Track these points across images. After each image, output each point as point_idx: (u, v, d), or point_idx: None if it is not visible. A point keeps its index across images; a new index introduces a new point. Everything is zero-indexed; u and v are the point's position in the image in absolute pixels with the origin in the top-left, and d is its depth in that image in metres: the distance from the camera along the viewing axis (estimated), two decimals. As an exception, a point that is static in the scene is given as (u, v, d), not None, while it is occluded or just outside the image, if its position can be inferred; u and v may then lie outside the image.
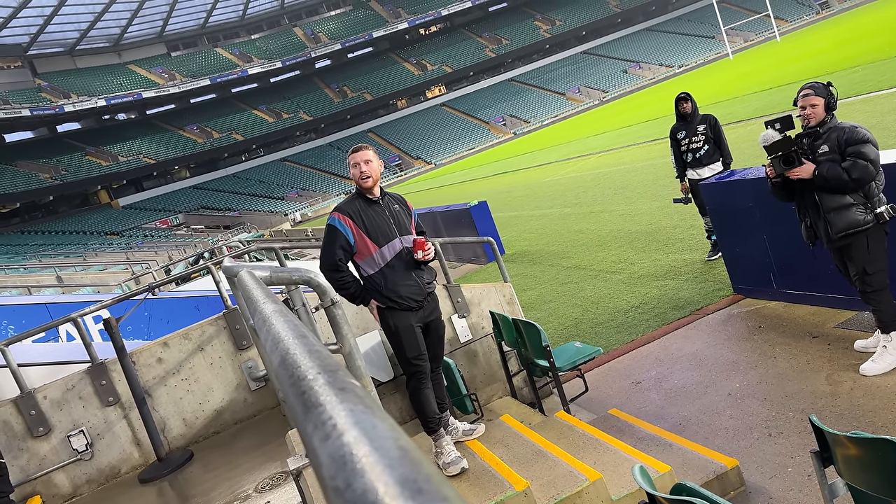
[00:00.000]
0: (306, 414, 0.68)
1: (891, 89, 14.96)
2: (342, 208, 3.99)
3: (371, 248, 3.91)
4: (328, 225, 3.97)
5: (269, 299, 1.54)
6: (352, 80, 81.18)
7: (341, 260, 3.93)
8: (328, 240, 3.94)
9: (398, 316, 3.99)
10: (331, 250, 3.93)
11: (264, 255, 15.35)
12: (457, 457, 4.02)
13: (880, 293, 4.27)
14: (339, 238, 3.91)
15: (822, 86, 4.30)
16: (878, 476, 2.38)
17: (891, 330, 4.31)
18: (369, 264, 3.95)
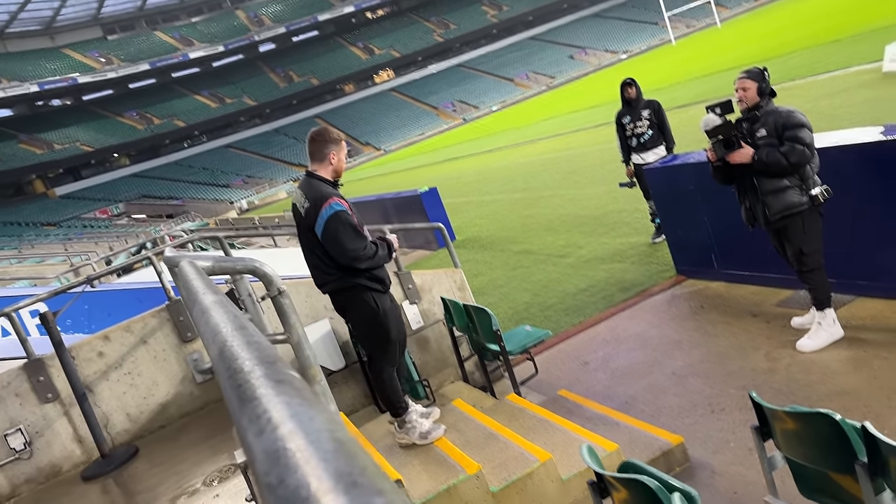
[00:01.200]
0: (241, 408, 0.65)
1: (825, 74, 15.50)
2: (334, 193, 3.79)
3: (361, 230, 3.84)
4: (338, 213, 3.69)
5: (209, 290, 1.50)
6: (297, 65, 79.77)
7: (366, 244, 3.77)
8: (352, 230, 3.71)
9: (383, 298, 3.93)
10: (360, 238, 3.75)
11: (209, 245, 15.02)
12: (433, 424, 4.10)
13: (816, 272, 4.43)
14: (353, 221, 3.74)
15: (756, 71, 4.41)
16: (813, 448, 2.48)
17: (825, 307, 4.49)
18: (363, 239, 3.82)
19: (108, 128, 68.42)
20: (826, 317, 4.48)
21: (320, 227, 3.70)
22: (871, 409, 3.67)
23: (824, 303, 4.48)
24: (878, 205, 4.62)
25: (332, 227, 3.68)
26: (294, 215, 3.97)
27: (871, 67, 13.87)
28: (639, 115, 7.74)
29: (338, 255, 3.73)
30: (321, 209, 3.69)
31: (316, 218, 3.70)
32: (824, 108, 11.64)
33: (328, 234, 3.70)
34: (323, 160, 3.87)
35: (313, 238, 3.78)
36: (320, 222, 3.69)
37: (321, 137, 3.88)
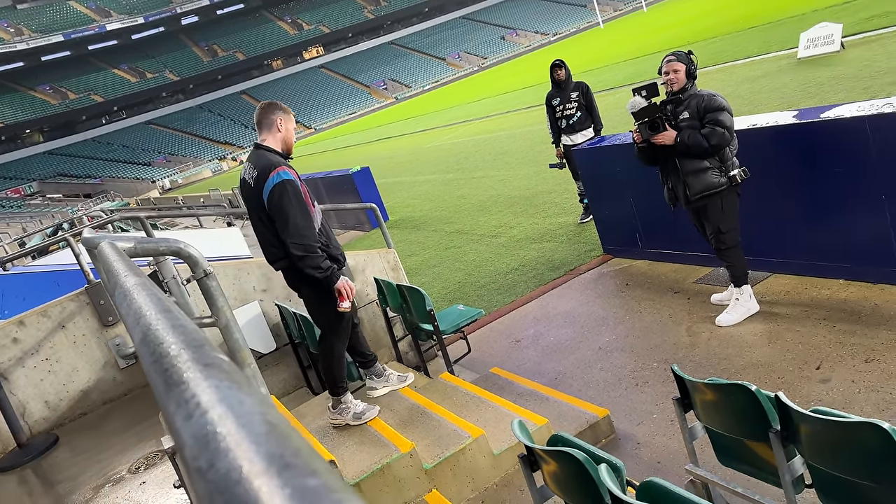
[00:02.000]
0: (168, 393, 0.64)
1: (745, 59, 16.10)
2: (283, 162, 3.64)
3: (311, 207, 3.68)
4: (287, 182, 3.53)
5: (131, 272, 1.44)
6: (222, 39, 77.19)
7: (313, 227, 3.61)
8: (298, 203, 3.54)
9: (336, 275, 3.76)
10: (306, 212, 3.57)
11: (130, 226, 14.46)
12: (367, 405, 4.12)
13: (733, 250, 4.63)
14: (300, 194, 3.57)
15: (684, 54, 4.55)
16: (731, 418, 2.60)
17: (742, 284, 4.71)
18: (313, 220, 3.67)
19: (20, 102, 64.65)
20: (743, 293, 4.71)
21: (266, 195, 3.55)
22: (784, 379, 3.88)
23: (741, 279, 4.70)
24: (793, 186, 4.86)
25: (276, 195, 3.53)
26: (242, 190, 3.81)
27: (788, 53, 14.50)
28: (568, 96, 7.85)
29: (282, 226, 3.57)
30: (268, 177, 3.55)
31: (263, 184, 3.56)
32: (744, 92, 12.10)
33: (273, 203, 3.54)
34: (271, 128, 3.75)
35: (263, 211, 3.63)
36: (266, 190, 3.55)
37: (269, 106, 3.78)
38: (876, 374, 3.65)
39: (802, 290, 4.83)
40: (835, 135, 4.49)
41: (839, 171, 4.49)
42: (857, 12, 16.28)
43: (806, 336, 4.24)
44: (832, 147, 4.51)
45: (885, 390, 3.49)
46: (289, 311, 5.13)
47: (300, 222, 3.55)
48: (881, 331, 4.01)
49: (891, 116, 4.11)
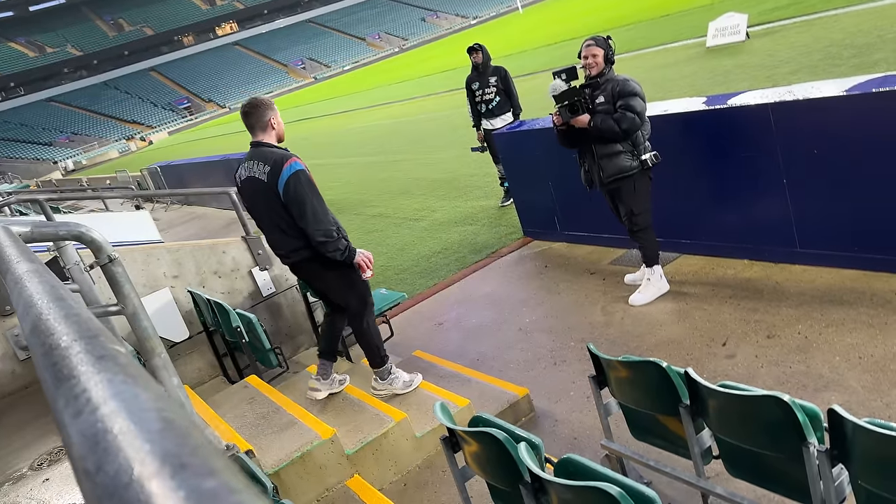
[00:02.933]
0: (57, 388, 0.59)
1: (657, 47, 16.63)
2: (291, 154, 3.72)
3: None
4: (301, 172, 3.63)
5: (23, 258, 1.34)
6: (129, 13, 73.40)
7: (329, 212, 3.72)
8: (312, 190, 3.65)
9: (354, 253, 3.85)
10: (322, 200, 3.69)
11: (30, 209, 13.61)
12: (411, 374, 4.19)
13: (646, 231, 4.79)
14: (313, 182, 3.68)
15: (602, 39, 4.63)
16: (643, 393, 2.70)
17: (653, 264, 4.89)
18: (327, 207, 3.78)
19: None
20: (654, 272, 4.89)
21: (281, 186, 3.61)
22: (692, 356, 4.06)
23: (653, 259, 4.88)
24: (701, 170, 5.06)
25: (293, 185, 3.60)
26: (245, 188, 3.83)
27: (697, 42, 15.06)
28: (487, 81, 7.88)
29: (299, 216, 3.63)
30: (283, 168, 3.61)
31: (278, 177, 3.61)
32: (656, 78, 12.50)
33: (290, 193, 3.61)
34: (265, 128, 3.80)
35: (276, 203, 3.66)
36: (282, 181, 3.61)
37: (257, 107, 3.79)
38: (777, 348, 3.86)
39: (710, 269, 5.05)
40: (741, 121, 4.70)
41: (744, 155, 4.71)
42: (761, 3, 17.06)
43: (713, 314, 4.45)
44: (738, 133, 4.71)
45: (785, 364, 3.70)
46: (202, 298, 4.95)
47: (318, 208, 3.66)
48: (782, 307, 4.24)
49: (792, 104, 4.33)
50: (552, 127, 4.83)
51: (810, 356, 3.70)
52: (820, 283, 4.37)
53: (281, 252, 3.93)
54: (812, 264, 4.57)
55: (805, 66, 9.89)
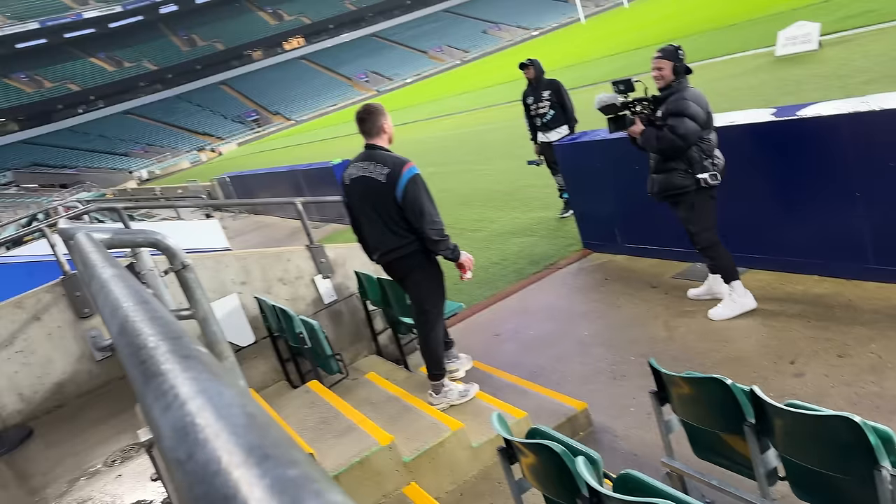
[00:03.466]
0: (146, 384, 0.63)
1: (724, 57, 16.25)
2: (408, 159, 3.99)
3: None
4: (417, 176, 3.92)
5: (107, 263, 1.43)
6: (202, 28, 76.29)
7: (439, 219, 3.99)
8: (427, 193, 3.94)
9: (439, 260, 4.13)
10: (434, 204, 3.97)
11: (106, 217, 14.27)
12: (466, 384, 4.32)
13: (711, 249, 4.65)
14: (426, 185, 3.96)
15: (671, 49, 4.50)
16: (706, 411, 2.64)
17: (730, 280, 4.67)
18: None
19: (-7, 90, 63.43)
20: (734, 289, 4.66)
21: (401, 189, 3.87)
22: (759, 374, 3.94)
23: (729, 276, 4.66)
24: (770, 182, 4.92)
25: (411, 188, 3.88)
26: (355, 186, 4.09)
27: (766, 51, 14.65)
28: (540, 95, 7.89)
29: (416, 217, 3.89)
30: (402, 172, 3.88)
31: (397, 180, 3.87)
32: (722, 89, 12.21)
33: (409, 196, 3.87)
34: (379, 132, 4.06)
35: (391, 203, 3.92)
36: (401, 185, 3.87)
37: (371, 113, 4.04)
38: (848, 368, 3.71)
39: (778, 285, 4.89)
40: (811, 132, 4.55)
41: (815, 167, 4.56)
42: (834, 11, 16.48)
43: (781, 331, 4.31)
44: (809, 144, 4.57)
45: (857, 385, 3.56)
46: (268, 304, 5.10)
47: (432, 210, 3.94)
48: (854, 326, 4.08)
49: (866, 115, 4.18)
50: (614, 138, 4.80)
51: (884, 377, 3.54)
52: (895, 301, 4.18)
53: (383, 249, 4.09)
54: (887, 281, 4.37)
55: (881, 75, 9.50)
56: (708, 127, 4.43)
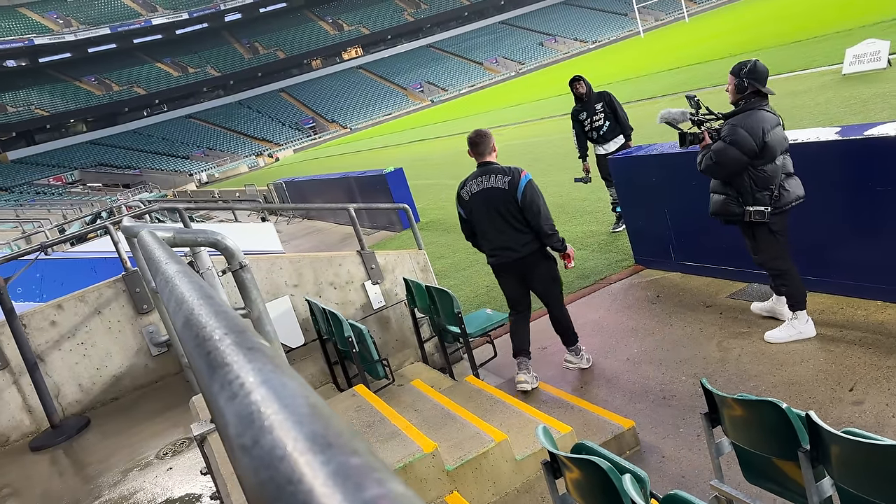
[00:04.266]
0: (212, 374, 0.66)
1: (788, 73, 15.84)
2: (522, 168, 4.73)
3: None
4: (532, 181, 4.70)
5: (171, 260, 1.48)
6: (264, 37, 78.26)
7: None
8: (541, 196, 4.71)
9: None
10: (547, 205, 4.73)
11: (167, 217, 14.73)
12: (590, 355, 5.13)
13: (780, 277, 4.49)
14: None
15: (737, 66, 4.37)
16: (759, 434, 2.57)
17: (797, 309, 4.51)
18: None
19: (65, 92, 66.33)
20: (798, 317, 4.53)
21: (521, 192, 4.63)
22: (815, 399, 3.81)
23: (796, 305, 4.51)
24: (833, 203, 4.76)
25: (529, 192, 4.63)
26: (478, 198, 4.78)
27: (832, 69, 14.22)
28: (593, 109, 7.85)
29: (534, 215, 4.63)
30: (520, 178, 4.65)
31: (517, 186, 4.62)
32: (786, 106, 11.90)
33: (527, 199, 4.62)
34: (491, 152, 4.84)
35: (513, 208, 4.65)
36: (520, 190, 4.63)
37: (484, 136, 4.86)
38: (912, 398, 3.56)
39: (839, 309, 4.73)
40: (878, 152, 4.40)
41: (881, 189, 4.40)
42: (906, 29, 15.90)
43: (840, 357, 4.16)
44: (875, 165, 4.42)
45: (920, 416, 3.41)
46: (318, 307, 5.18)
47: (545, 211, 4.68)
48: (919, 355, 3.91)
49: (938, 136, 4.01)
50: (671, 153, 4.74)
51: (952, 410, 3.38)
52: (966, 332, 3.99)
53: (509, 247, 4.74)
54: (957, 310, 4.18)
55: (957, 95, 9.12)
56: (763, 157, 4.21)
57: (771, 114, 4.29)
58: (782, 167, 4.26)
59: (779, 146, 4.23)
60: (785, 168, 4.28)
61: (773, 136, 4.21)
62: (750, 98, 4.32)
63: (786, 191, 4.26)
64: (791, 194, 4.27)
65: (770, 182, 4.24)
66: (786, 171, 4.28)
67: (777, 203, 4.26)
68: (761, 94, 4.31)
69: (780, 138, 4.24)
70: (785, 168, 4.28)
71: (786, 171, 4.28)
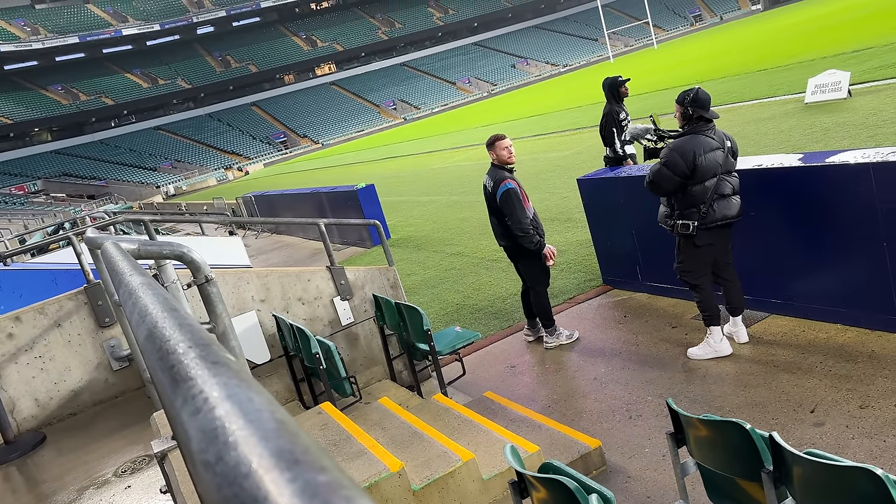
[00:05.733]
0: (175, 388, 0.64)
1: (752, 101, 16.24)
2: (508, 177, 5.48)
3: (527, 202, 5.50)
4: (510, 191, 5.39)
5: (135, 272, 1.45)
6: (236, 50, 77.93)
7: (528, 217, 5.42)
8: (517, 203, 5.38)
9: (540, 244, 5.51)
10: (523, 210, 5.40)
11: (132, 229, 14.48)
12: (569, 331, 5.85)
13: (694, 290, 4.79)
14: (519, 197, 5.40)
15: (682, 95, 4.63)
16: (724, 455, 2.59)
17: (709, 325, 4.80)
18: (528, 214, 5.44)
19: (31, 100, 65.12)
20: (710, 333, 4.80)
21: (499, 196, 5.43)
22: (778, 420, 3.87)
23: (708, 320, 4.80)
24: (795, 227, 4.87)
25: (504, 198, 5.40)
26: (484, 192, 5.74)
27: (795, 98, 14.62)
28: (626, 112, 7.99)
29: (507, 217, 5.42)
30: (500, 185, 5.44)
31: (497, 190, 5.44)
32: (749, 133, 12.19)
33: (502, 201, 5.42)
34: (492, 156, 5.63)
35: (495, 206, 5.51)
36: (499, 193, 5.43)
37: (490, 141, 5.66)
38: (870, 420, 3.63)
39: (800, 332, 4.82)
40: (839, 180, 4.52)
41: (842, 215, 4.52)
42: (866, 61, 16.44)
43: (802, 379, 4.23)
44: (836, 192, 4.54)
45: (878, 437, 3.48)
46: (285, 323, 5.12)
47: (517, 216, 5.36)
48: (877, 378, 4.00)
49: (895, 165, 4.14)
50: (639, 175, 4.87)
51: (909, 432, 3.45)
52: (922, 355, 4.10)
53: (499, 235, 5.68)
54: (914, 334, 4.29)
55: (913, 126, 9.43)
56: (693, 178, 4.48)
57: (710, 138, 4.53)
58: (716, 188, 4.50)
59: (710, 170, 4.47)
60: (719, 190, 4.51)
61: (706, 160, 4.47)
62: (696, 122, 4.58)
63: (713, 210, 4.52)
64: (717, 214, 4.53)
65: (698, 201, 4.53)
66: (720, 193, 4.51)
67: (703, 220, 4.53)
68: (706, 119, 4.57)
69: (713, 162, 4.48)
70: (719, 190, 4.51)
71: (719, 192, 4.52)
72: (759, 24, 52.53)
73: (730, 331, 4.93)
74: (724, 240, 4.68)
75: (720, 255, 4.74)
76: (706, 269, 4.75)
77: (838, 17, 33.56)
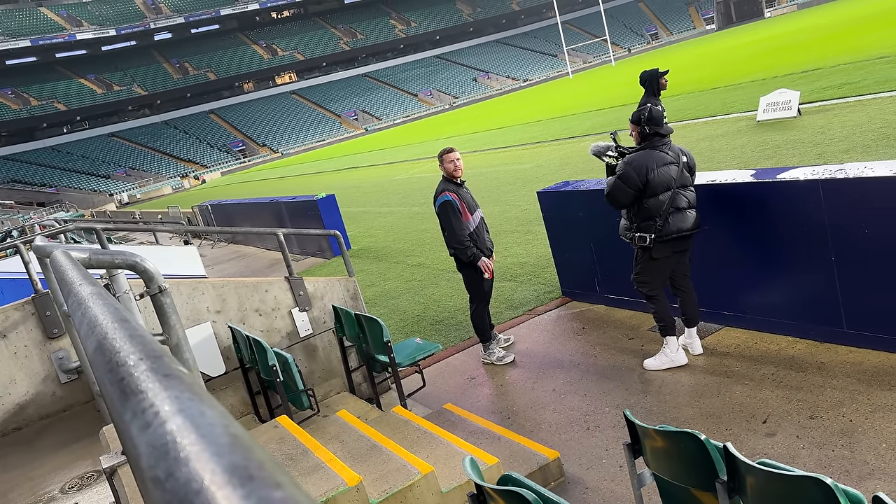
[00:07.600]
0: (124, 402, 0.62)
1: (705, 118, 16.66)
2: (447, 189, 5.56)
3: (467, 215, 5.55)
4: (446, 202, 5.50)
5: (86, 281, 1.41)
6: (195, 58, 76.81)
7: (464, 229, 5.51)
8: (453, 215, 5.49)
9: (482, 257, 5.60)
10: (460, 223, 5.50)
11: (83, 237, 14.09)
12: (505, 353, 5.85)
13: (649, 300, 4.90)
14: (456, 210, 5.49)
15: (636, 117, 4.76)
16: (679, 466, 2.62)
17: (665, 335, 4.92)
18: (467, 227, 5.52)
19: (-23, 104, 63.04)
20: (666, 343, 4.91)
21: (436, 209, 5.61)
22: (731, 431, 3.94)
23: (663, 330, 4.92)
24: (747, 242, 5.00)
25: (439, 211, 5.57)
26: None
27: (748, 115, 15.05)
28: None
29: (442, 229, 5.61)
30: (438, 197, 5.58)
31: (435, 202, 5.61)
32: (703, 149, 12.49)
33: (438, 214, 5.58)
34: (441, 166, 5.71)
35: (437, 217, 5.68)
36: (436, 206, 5.59)
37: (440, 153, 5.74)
38: (820, 430, 3.73)
39: (753, 344, 4.94)
40: (789, 196, 4.66)
41: (792, 230, 4.65)
42: (815, 81, 17.03)
43: (754, 390, 4.33)
44: (787, 207, 4.67)
45: (827, 447, 3.57)
46: (241, 334, 5.03)
47: (453, 227, 5.49)
48: (826, 389, 4.11)
49: (843, 182, 4.29)
50: (598, 189, 4.94)
51: (855, 441, 3.56)
52: (867, 366, 4.23)
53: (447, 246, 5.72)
54: (859, 346, 4.43)
55: (858, 145, 9.79)
56: (646, 192, 4.62)
57: (664, 153, 4.68)
58: (671, 202, 4.62)
59: (664, 184, 4.61)
60: (674, 203, 4.63)
61: (659, 175, 4.61)
62: (651, 138, 4.72)
63: (668, 223, 4.64)
64: (672, 226, 4.64)
65: (654, 214, 4.65)
66: (675, 206, 4.64)
67: (660, 233, 4.65)
68: (661, 134, 4.72)
69: (666, 177, 4.62)
70: (674, 203, 4.63)
71: (675, 205, 4.64)
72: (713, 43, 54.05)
73: (685, 342, 5.02)
74: (682, 252, 4.77)
75: (678, 266, 4.83)
76: (662, 280, 4.85)
77: (789, 39, 34.75)
